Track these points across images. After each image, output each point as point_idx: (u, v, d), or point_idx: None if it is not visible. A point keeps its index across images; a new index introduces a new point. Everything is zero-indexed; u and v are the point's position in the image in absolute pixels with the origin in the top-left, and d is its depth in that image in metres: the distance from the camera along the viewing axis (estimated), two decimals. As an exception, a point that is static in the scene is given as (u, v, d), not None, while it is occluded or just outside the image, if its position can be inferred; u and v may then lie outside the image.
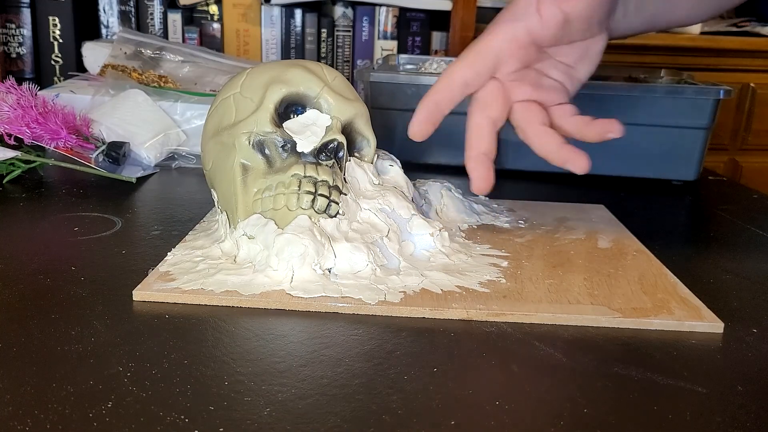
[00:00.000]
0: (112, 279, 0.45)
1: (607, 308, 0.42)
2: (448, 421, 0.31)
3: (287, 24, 1.31)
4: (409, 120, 0.49)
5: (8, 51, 1.10)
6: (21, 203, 0.60)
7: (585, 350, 0.38)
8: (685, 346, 0.39)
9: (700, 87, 0.75)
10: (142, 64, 0.96)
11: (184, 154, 0.75)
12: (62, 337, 0.37)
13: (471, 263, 0.48)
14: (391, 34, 1.36)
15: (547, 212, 0.61)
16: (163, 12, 1.24)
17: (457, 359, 0.37)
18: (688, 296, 0.45)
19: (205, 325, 0.39)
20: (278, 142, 0.48)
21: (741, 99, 1.64)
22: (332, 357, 0.36)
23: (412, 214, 0.49)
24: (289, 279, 0.43)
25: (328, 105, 0.49)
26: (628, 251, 0.52)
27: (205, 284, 0.43)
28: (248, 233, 0.46)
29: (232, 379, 0.34)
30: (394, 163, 0.53)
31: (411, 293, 0.43)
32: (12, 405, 0.31)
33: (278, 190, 0.46)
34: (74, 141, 0.68)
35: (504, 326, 0.40)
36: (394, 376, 0.35)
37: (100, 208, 0.59)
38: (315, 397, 0.32)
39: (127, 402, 0.31)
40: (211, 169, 0.50)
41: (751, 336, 0.41)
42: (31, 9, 1.10)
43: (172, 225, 0.55)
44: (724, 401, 0.34)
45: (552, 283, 0.46)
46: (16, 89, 0.67)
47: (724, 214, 0.67)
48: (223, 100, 0.50)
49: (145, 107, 0.76)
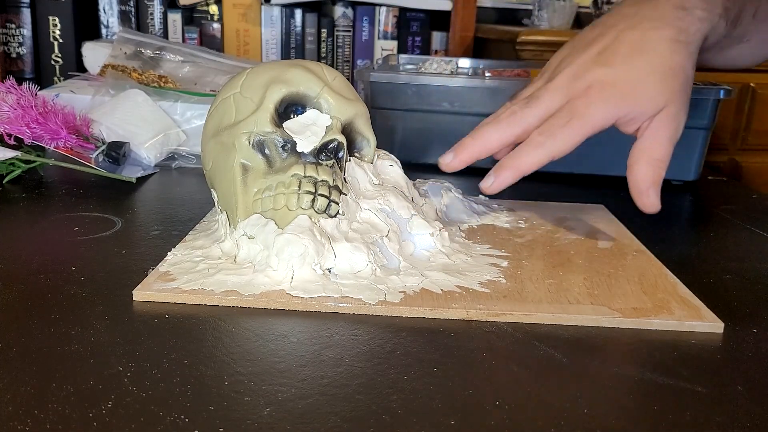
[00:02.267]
0: (112, 279, 0.45)
1: (607, 308, 0.42)
2: (448, 421, 0.31)
3: (287, 24, 1.31)
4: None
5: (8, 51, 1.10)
6: (21, 203, 0.60)
7: (585, 350, 0.38)
8: (685, 346, 0.39)
9: (700, 87, 0.75)
10: (142, 64, 0.96)
11: (184, 154, 0.75)
12: (62, 337, 0.37)
13: (471, 263, 0.48)
14: (391, 34, 1.36)
15: (547, 212, 0.61)
16: (163, 12, 1.24)
17: (457, 359, 0.37)
18: (688, 296, 0.45)
19: (205, 325, 0.39)
20: (278, 142, 0.48)
21: (741, 99, 1.63)
22: (332, 357, 0.36)
23: (412, 214, 0.49)
24: (289, 279, 0.43)
25: (328, 105, 0.49)
26: (628, 251, 0.52)
27: (205, 284, 0.43)
28: (248, 233, 0.46)
29: (232, 379, 0.34)
30: (394, 163, 0.53)
31: (411, 293, 0.43)
32: (12, 405, 0.31)
33: (278, 190, 0.46)
34: (74, 141, 0.68)
35: (504, 326, 0.40)
36: (394, 376, 0.35)
37: (100, 208, 0.59)
38: (315, 396, 0.32)
39: (127, 402, 0.31)
40: (211, 169, 0.50)
41: (751, 336, 0.41)
42: (31, 9, 1.11)
43: (172, 225, 0.55)
44: (724, 401, 0.34)
45: (552, 283, 0.46)
46: (16, 89, 0.67)
47: (724, 214, 0.67)
48: (223, 100, 0.50)
49: (145, 107, 0.76)
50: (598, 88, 0.49)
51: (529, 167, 0.50)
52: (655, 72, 0.48)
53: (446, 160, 0.52)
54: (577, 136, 0.49)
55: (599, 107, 0.48)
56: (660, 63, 0.48)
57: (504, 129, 0.51)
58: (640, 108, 0.48)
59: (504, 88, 0.76)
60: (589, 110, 0.48)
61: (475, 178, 0.75)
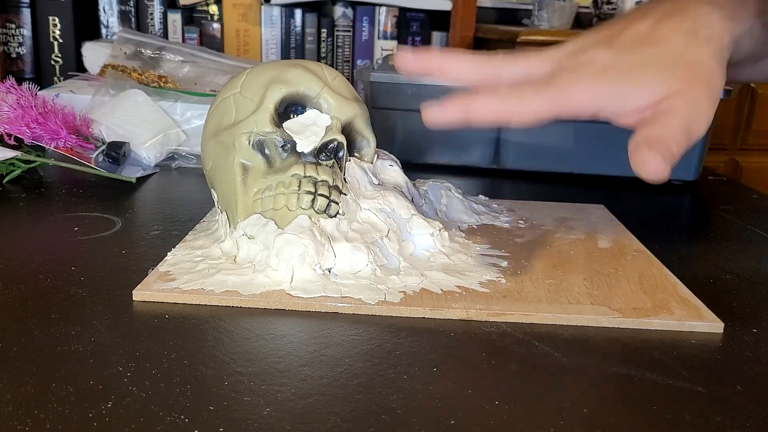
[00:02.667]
0: (112, 279, 0.45)
1: (607, 308, 0.42)
2: (448, 421, 0.31)
3: (287, 24, 1.31)
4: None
5: (8, 51, 1.10)
6: (21, 203, 0.60)
7: (585, 350, 0.38)
8: (685, 346, 0.39)
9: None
10: (142, 64, 0.96)
11: (184, 154, 0.75)
12: (62, 337, 0.37)
13: (471, 263, 0.48)
14: (391, 34, 1.36)
15: (547, 212, 0.61)
16: (163, 12, 1.24)
17: (457, 359, 0.36)
18: (688, 296, 0.45)
19: (205, 325, 0.39)
20: (278, 142, 0.48)
21: (741, 99, 1.64)
22: (332, 357, 0.36)
23: (412, 214, 0.49)
24: (289, 279, 0.43)
25: (328, 105, 0.49)
26: (628, 251, 0.52)
27: (205, 284, 0.43)
28: (248, 233, 0.46)
29: (232, 379, 0.34)
30: (394, 163, 0.53)
31: (411, 293, 0.43)
32: (12, 405, 0.31)
33: (278, 190, 0.46)
34: (74, 141, 0.68)
35: (504, 326, 0.40)
36: (394, 376, 0.35)
37: (100, 208, 0.59)
38: (315, 396, 0.32)
39: (127, 402, 0.31)
40: (211, 169, 0.50)
41: (751, 336, 0.41)
42: (31, 9, 1.11)
43: (172, 225, 0.55)
44: (724, 401, 0.34)
45: (552, 283, 0.46)
46: (16, 89, 0.67)
47: (724, 213, 0.67)
48: (223, 100, 0.50)
49: (145, 107, 0.76)
50: (590, 67, 0.42)
51: (480, 114, 0.42)
52: (660, 62, 0.41)
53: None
54: (547, 108, 0.41)
55: (583, 86, 0.41)
56: (669, 55, 0.42)
57: (477, 61, 0.44)
58: (633, 96, 0.41)
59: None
60: (572, 86, 0.41)
61: (475, 178, 0.75)
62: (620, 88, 0.41)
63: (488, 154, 0.77)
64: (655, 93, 0.41)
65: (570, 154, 0.76)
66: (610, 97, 0.41)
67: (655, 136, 0.39)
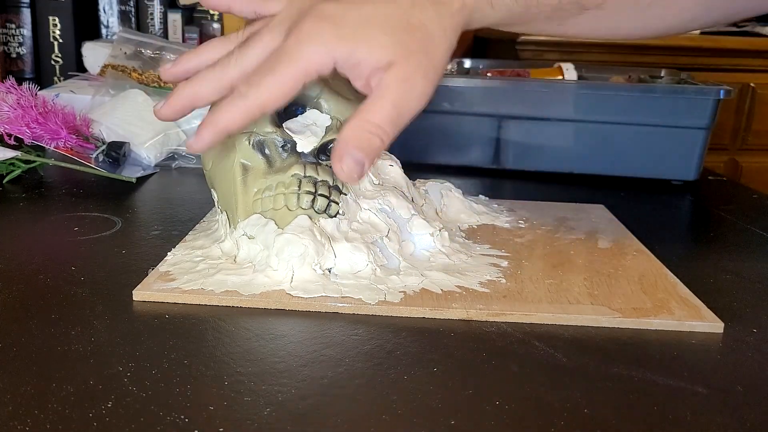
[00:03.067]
0: (112, 279, 0.45)
1: (607, 308, 0.42)
2: (448, 421, 0.31)
3: (287, 24, 1.30)
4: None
5: (8, 51, 1.10)
6: (21, 203, 0.60)
7: (585, 350, 0.38)
8: (685, 346, 0.39)
9: (700, 87, 0.75)
10: (142, 64, 0.96)
11: (184, 154, 0.75)
12: (62, 337, 0.37)
13: (471, 263, 0.48)
14: (391, 34, 1.36)
15: (547, 212, 0.61)
16: (163, 12, 1.24)
17: (457, 359, 0.36)
18: (688, 296, 0.45)
19: (205, 325, 0.39)
20: (278, 142, 0.48)
21: (741, 99, 1.64)
22: (332, 357, 0.36)
23: (412, 214, 0.49)
24: (289, 279, 0.43)
25: (328, 105, 0.49)
26: (628, 251, 0.52)
27: (205, 284, 0.43)
28: (248, 233, 0.46)
29: (232, 379, 0.34)
30: (394, 163, 0.53)
31: (411, 293, 0.43)
32: (12, 405, 0.31)
33: (278, 190, 0.46)
34: (74, 141, 0.68)
35: (504, 326, 0.40)
36: (394, 376, 0.34)
37: (100, 208, 0.59)
38: (315, 397, 0.32)
39: (127, 402, 0.31)
40: (211, 169, 0.50)
41: (751, 336, 0.41)
42: (31, 9, 1.10)
43: (172, 225, 0.55)
44: (724, 401, 0.34)
45: (552, 283, 0.46)
46: (16, 89, 0.67)
47: (724, 214, 0.67)
48: (223, 100, 0.50)
49: (145, 107, 0.76)
50: (315, 24, 0.39)
51: (230, 124, 0.40)
52: (386, 22, 0.40)
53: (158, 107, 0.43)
54: (287, 83, 0.39)
55: (312, 46, 0.39)
56: (394, 14, 0.40)
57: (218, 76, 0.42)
58: (361, 53, 0.39)
59: (504, 88, 0.76)
60: (301, 49, 0.39)
61: (475, 178, 0.75)
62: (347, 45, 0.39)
63: (488, 154, 0.77)
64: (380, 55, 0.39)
65: (570, 154, 0.76)
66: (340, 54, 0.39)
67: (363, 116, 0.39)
